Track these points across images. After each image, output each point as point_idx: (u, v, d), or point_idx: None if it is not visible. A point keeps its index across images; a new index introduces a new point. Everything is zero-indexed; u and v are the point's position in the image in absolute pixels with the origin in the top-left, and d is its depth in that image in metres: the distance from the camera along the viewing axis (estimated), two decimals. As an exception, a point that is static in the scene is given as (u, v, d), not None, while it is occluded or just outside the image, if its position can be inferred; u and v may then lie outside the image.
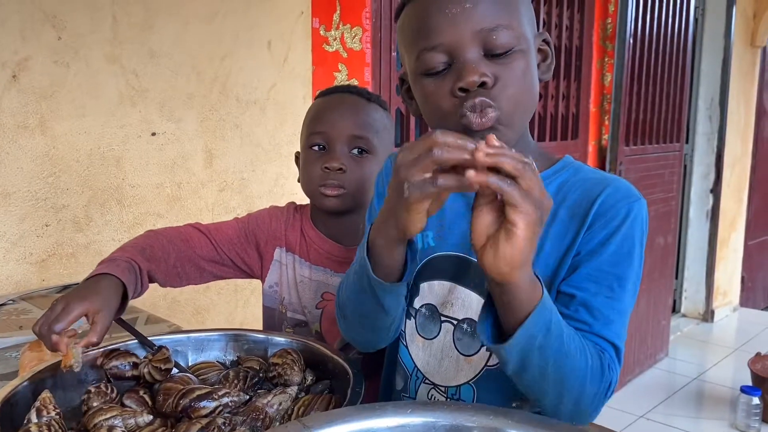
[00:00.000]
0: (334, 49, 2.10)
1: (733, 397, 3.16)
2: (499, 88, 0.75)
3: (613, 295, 0.77)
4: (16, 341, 1.22)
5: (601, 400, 0.75)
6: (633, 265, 0.78)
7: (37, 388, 0.81)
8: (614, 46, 3.20)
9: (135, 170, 1.74)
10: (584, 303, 0.76)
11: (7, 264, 1.55)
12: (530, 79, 0.78)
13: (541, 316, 0.66)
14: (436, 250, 0.86)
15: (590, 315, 0.76)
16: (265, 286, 1.19)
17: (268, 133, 2.01)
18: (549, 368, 0.69)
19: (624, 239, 0.77)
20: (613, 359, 0.76)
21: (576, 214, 0.79)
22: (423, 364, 0.88)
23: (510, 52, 0.75)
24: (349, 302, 0.82)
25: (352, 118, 1.10)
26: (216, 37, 1.86)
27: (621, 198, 0.79)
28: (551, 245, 0.79)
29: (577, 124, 3.16)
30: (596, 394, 0.74)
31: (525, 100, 0.78)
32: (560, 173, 0.84)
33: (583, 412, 0.75)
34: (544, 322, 0.66)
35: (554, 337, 0.68)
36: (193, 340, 0.99)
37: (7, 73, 1.51)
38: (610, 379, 0.75)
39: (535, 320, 0.65)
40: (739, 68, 4.36)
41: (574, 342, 0.71)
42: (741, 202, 4.75)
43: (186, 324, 1.79)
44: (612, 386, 0.76)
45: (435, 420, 0.64)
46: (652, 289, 3.60)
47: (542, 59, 0.83)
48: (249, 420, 0.78)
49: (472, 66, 0.74)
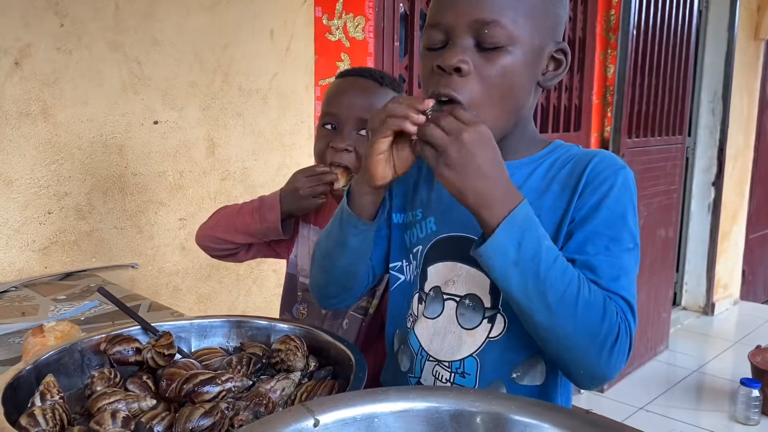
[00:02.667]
0: (336, 39, 2.10)
1: (733, 390, 3.17)
2: (472, 80, 0.78)
3: (611, 253, 0.79)
4: (19, 327, 1.22)
5: (612, 349, 0.75)
6: (627, 227, 0.81)
7: (41, 373, 0.81)
8: (617, 38, 3.19)
9: (137, 158, 1.74)
10: (585, 264, 0.79)
11: (10, 251, 1.55)
12: (511, 81, 0.80)
13: (508, 231, 0.72)
14: (438, 234, 0.90)
15: (594, 274, 0.78)
16: (291, 255, 1.30)
17: (270, 122, 2.01)
18: (530, 289, 0.73)
19: (615, 203, 0.81)
20: (626, 312, 0.78)
21: (567, 185, 0.83)
22: (427, 342, 0.90)
23: (498, 49, 0.79)
24: (320, 244, 0.93)
25: (362, 101, 1.16)
26: (218, 25, 1.85)
27: (607, 166, 0.83)
28: (546, 217, 0.82)
29: (579, 116, 3.16)
30: (604, 339, 0.75)
31: (499, 99, 0.81)
32: (552, 153, 0.88)
33: (589, 356, 0.76)
34: (514, 237, 0.72)
35: (531, 256, 0.72)
36: (196, 326, 0.99)
37: (10, 59, 1.51)
38: (617, 323, 0.76)
39: (504, 233, 0.72)
40: (743, 61, 4.35)
41: (568, 275, 0.74)
42: (743, 195, 4.74)
43: (188, 312, 1.79)
44: (625, 339, 0.76)
45: (438, 405, 0.64)
46: (653, 282, 3.61)
47: (554, 68, 0.86)
48: (252, 405, 0.78)
49: (457, 50, 0.78)
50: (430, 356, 0.90)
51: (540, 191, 0.85)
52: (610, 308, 0.76)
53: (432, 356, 0.89)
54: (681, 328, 4.24)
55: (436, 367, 0.89)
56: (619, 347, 0.76)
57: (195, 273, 1.89)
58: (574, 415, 0.62)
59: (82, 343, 0.89)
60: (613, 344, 0.76)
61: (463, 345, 0.87)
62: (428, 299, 0.91)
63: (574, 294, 0.74)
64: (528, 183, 0.86)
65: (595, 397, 3.25)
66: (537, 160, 0.87)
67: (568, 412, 0.63)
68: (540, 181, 0.86)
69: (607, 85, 3.26)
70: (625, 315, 0.78)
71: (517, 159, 0.87)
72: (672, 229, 3.76)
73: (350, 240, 0.88)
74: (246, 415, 0.77)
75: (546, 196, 0.84)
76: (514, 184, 0.80)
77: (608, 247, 0.79)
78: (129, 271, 1.75)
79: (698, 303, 4.50)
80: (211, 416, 0.73)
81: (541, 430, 0.61)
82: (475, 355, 0.86)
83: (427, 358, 0.90)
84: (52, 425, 0.72)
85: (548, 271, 0.73)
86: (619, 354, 0.77)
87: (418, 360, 0.91)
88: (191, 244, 1.87)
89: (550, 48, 0.84)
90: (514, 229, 0.73)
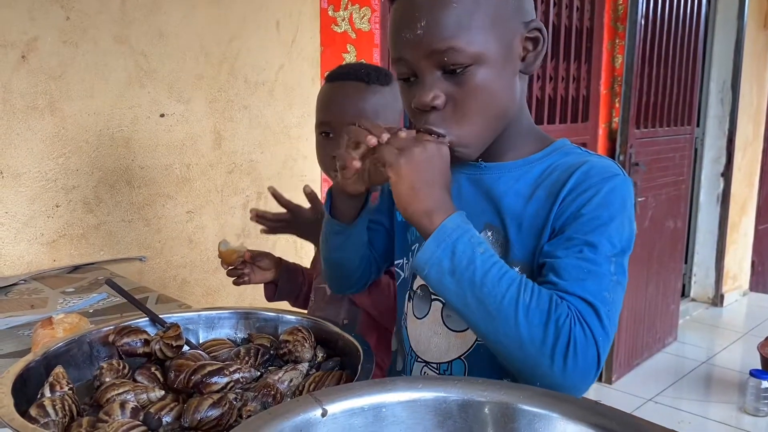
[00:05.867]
0: (342, 30, 2.09)
1: (742, 381, 3.16)
2: (449, 110, 0.79)
3: (583, 258, 0.74)
4: (29, 319, 1.23)
5: (565, 356, 0.70)
6: (608, 235, 0.75)
7: (50, 364, 0.81)
8: (625, 28, 3.16)
9: (144, 151, 1.74)
10: (552, 267, 0.76)
11: (19, 244, 1.56)
12: (489, 93, 0.79)
13: (440, 239, 0.73)
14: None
15: (556, 275, 0.74)
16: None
17: (276, 114, 2.00)
18: (468, 297, 0.72)
19: (597, 209, 0.76)
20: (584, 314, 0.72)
21: (551, 193, 0.80)
22: (415, 343, 0.90)
23: (465, 69, 0.77)
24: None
25: (351, 107, 1.15)
26: (224, 17, 1.85)
27: (595, 174, 0.79)
28: (528, 224, 0.81)
29: (587, 107, 3.14)
30: (553, 345, 0.70)
31: (483, 117, 0.80)
32: (549, 156, 0.85)
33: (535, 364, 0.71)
34: (446, 245, 0.73)
35: (466, 264, 0.72)
36: (204, 318, 0.99)
37: (17, 53, 1.51)
38: (568, 328, 0.70)
39: (436, 241, 0.73)
40: (752, 50, 4.31)
41: (507, 280, 0.72)
42: (752, 186, 4.71)
43: (196, 305, 1.80)
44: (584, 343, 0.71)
45: (446, 395, 0.64)
46: (661, 273, 3.59)
47: (533, 47, 0.82)
48: (260, 396, 0.78)
49: (426, 88, 0.79)
50: (418, 357, 0.90)
51: (525, 197, 0.82)
52: (559, 311, 0.71)
53: (420, 357, 0.89)
54: (690, 320, 4.23)
55: (424, 368, 0.89)
56: (577, 353, 0.70)
57: (202, 266, 1.89)
58: (584, 405, 0.62)
59: (90, 334, 0.90)
60: (566, 350, 0.70)
61: (450, 347, 0.86)
62: (416, 297, 0.91)
63: (514, 298, 0.71)
64: (515, 188, 0.83)
65: (604, 389, 3.25)
66: (530, 163, 0.84)
67: (577, 402, 0.62)
68: (528, 186, 0.83)
69: (615, 75, 3.24)
70: (582, 317, 0.71)
71: (510, 160, 0.85)
72: (680, 221, 3.74)
73: (331, 238, 0.93)
74: (254, 406, 0.77)
75: (531, 203, 0.81)
76: (500, 188, 0.82)
77: (582, 251, 0.75)
78: (137, 264, 1.75)
79: (707, 294, 4.49)
80: (220, 407, 0.74)
81: (550, 420, 0.61)
82: (464, 358, 0.85)
83: (416, 359, 0.90)
84: (61, 416, 0.72)
85: (484, 277, 0.71)
86: (576, 360, 0.70)
87: (408, 360, 0.92)
88: (198, 236, 1.88)
89: (521, 32, 0.81)
90: (444, 238, 0.73)
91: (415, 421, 0.63)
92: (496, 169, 0.85)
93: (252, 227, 1.98)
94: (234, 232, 1.95)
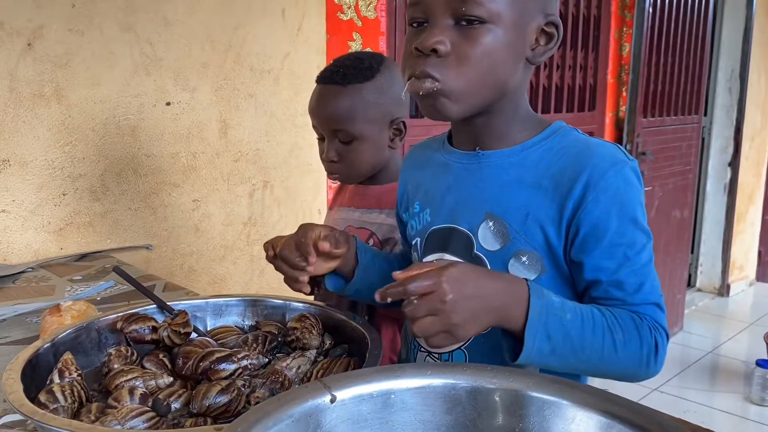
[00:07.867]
0: (348, 18, 2.08)
1: (748, 371, 3.16)
2: (451, 60, 0.77)
3: (629, 260, 0.79)
4: (36, 307, 1.23)
5: (655, 360, 0.78)
6: (639, 227, 0.79)
7: (58, 351, 0.82)
8: (633, 16, 3.14)
9: (150, 140, 1.74)
10: (611, 282, 0.79)
11: (26, 232, 1.56)
12: (492, 59, 0.78)
13: (533, 332, 0.71)
14: (432, 224, 0.89)
15: (620, 290, 0.79)
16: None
17: (282, 103, 1.99)
18: (573, 362, 0.75)
19: (623, 207, 0.78)
20: (657, 317, 0.79)
21: (560, 184, 0.79)
22: None
23: (477, 27, 0.76)
24: None
25: (329, 112, 1.16)
26: (230, 5, 1.84)
27: (608, 167, 0.78)
28: (534, 213, 0.80)
29: (594, 96, 3.12)
30: (647, 358, 0.77)
31: (480, 78, 0.78)
32: (548, 140, 0.83)
33: (634, 377, 0.79)
34: (540, 334, 0.72)
35: (562, 340, 0.73)
36: (212, 305, 0.99)
37: (23, 41, 1.51)
38: (653, 339, 0.78)
39: (531, 337, 0.71)
40: (761, 39, 4.26)
41: (599, 329, 0.75)
42: (759, 176, 4.68)
43: (202, 293, 1.80)
44: (663, 343, 0.79)
45: (455, 382, 0.64)
46: (668, 263, 3.58)
47: (545, 42, 0.81)
48: (268, 382, 0.78)
49: (434, 31, 0.77)
50: (421, 346, 0.90)
51: (529, 185, 0.81)
52: (644, 330, 0.77)
53: (423, 347, 0.90)
54: (696, 310, 4.22)
55: (427, 358, 0.90)
56: (659, 352, 0.78)
57: (209, 254, 1.89)
58: (593, 392, 0.61)
59: (98, 321, 0.90)
60: (655, 355, 0.78)
61: None
62: None
63: (611, 344, 0.75)
64: (516, 174, 0.82)
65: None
66: (529, 148, 0.83)
67: (587, 389, 0.62)
68: (530, 173, 0.82)
69: (623, 63, 3.22)
70: (656, 321, 0.79)
71: (508, 147, 0.84)
72: (687, 210, 3.72)
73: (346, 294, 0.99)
74: (262, 393, 0.77)
75: (537, 193, 0.80)
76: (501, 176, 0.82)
77: (626, 255, 0.78)
78: (143, 252, 1.76)
79: (713, 284, 4.47)
80: (228, 393, 0.74)
81: (559, 407, 0.61)
82: (464, 348, 0.86)
83: (419, 348, 0.91)
84: (70, 401, 0.72)
85: (582, 342, 0.74)
86: (660, 357, 0.79)
87: (412, 349, 0.93)
88: (205, 225, 1.88)
89: (539, 21, 0.80)
90: (536, 330, 0.72)
91: (424, 408, 0.63)
92: (494, 157, 0.84)
93: (258, 216, 1.98)
94: (240, 221, 1.95)
